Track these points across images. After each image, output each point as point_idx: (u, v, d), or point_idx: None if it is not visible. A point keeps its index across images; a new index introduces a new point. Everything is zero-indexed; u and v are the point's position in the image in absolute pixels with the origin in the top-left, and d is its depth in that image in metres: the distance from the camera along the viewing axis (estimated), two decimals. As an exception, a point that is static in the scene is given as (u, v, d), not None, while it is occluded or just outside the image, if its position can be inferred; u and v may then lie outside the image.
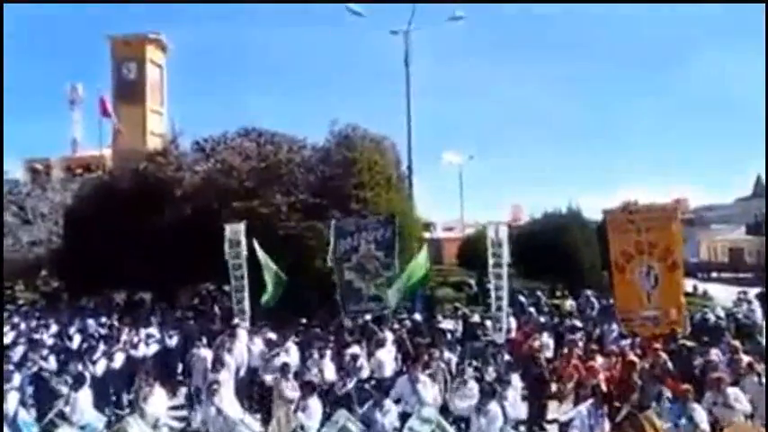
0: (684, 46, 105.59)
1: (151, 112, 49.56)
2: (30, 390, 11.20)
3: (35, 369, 12.10)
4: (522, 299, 19.31)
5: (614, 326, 14.46)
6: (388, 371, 11.70)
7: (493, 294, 14.80)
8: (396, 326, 15.16)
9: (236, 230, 16.49)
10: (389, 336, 13.41)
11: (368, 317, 15.80)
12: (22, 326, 17.41)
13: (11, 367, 11.67)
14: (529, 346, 12.76)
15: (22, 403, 10.11)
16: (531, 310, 16.94)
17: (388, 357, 12.01)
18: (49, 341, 14.84)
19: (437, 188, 67.83)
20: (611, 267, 14.10)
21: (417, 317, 16.62)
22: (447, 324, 15.58)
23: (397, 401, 9.33)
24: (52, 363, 12.59)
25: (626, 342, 12.80)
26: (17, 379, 11.06)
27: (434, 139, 75.41)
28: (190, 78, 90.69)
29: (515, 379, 10.01)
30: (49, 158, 53.73)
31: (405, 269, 16.33)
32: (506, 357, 12.09)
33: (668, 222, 13.23)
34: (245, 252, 16.40)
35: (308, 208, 19.99)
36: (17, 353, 13.32)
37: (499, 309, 14.53)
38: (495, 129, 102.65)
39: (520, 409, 9.93)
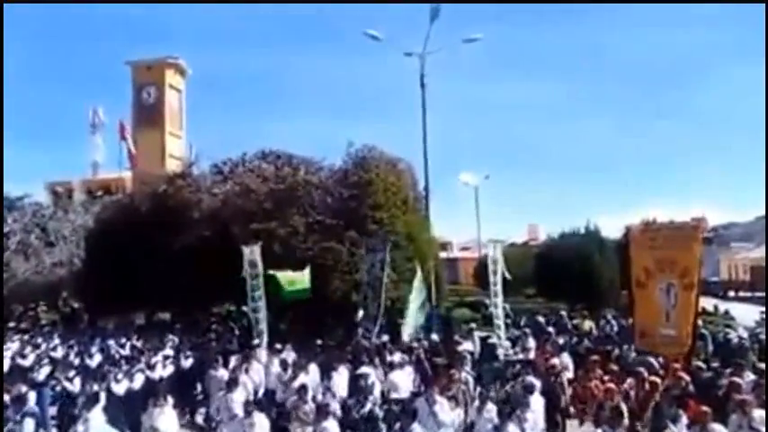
0: (702, 66, 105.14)
1: (170, 135, 50.33)
2: (52, 410, 11.27)
3: (59, 389, 12.24)
4: (540, 319, 19.19)
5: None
6: (404, 392, 11.65)
7: (493, 313, 15.27)
8: (414, 344, 15.14)
9: (253, 251, 16.60)
10: (404, 357, 13.38)
11: (385, 337, 15.79)
12: (43, 346, 17.58)
13: (23, 388, 11.70)
14: (548, 366, 12.66)
15: (44, 424, 10.18)
16: (551, 329, 16.82)
17: (403, 378, 11.95)
18: (75, 362, 14.94)
19: (454, 209, 67.65)
20: (630, 284, 13.98)
21: (435, 337, 16.58)
22: (466, 345, 15.50)
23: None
24: (77, 384, 12.70)
25: (647, 363, 12.64)
26: (32, 400, 11.11)
27: (451, 160, 75.48)
28: (208, 102, 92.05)
29: (535, 400, 9.89)
30: (70, 181, 54.54)
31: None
32: (527, 378, 11.99)
33: (689, 242, 13.09)
34: (261, 272, 16.48)
35: (325, 229, 20.11)
36: (42, 373, 13.46)
37: (499, 327, 15.16)
38: (511, 150, 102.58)
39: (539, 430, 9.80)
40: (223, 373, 12.62)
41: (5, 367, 14.71)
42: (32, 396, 11.18)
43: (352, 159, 22.12)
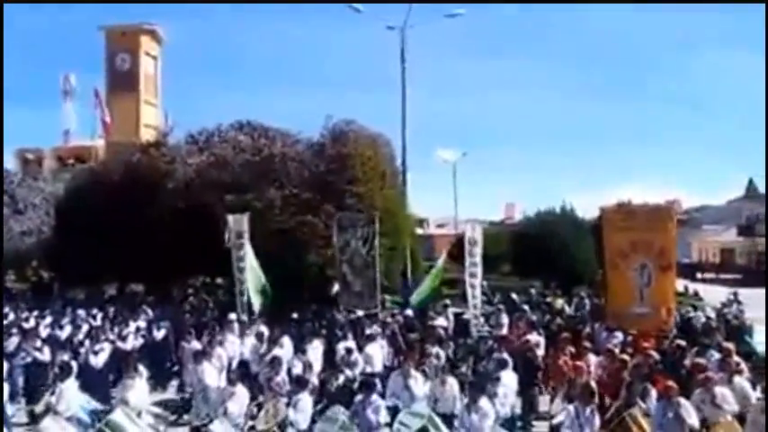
0: (678, 48, 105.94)
1: (145, 103, 49.35)
2: (20, 380, 11.13)
3: (29, 360, 12.09)
4: (514, 296, 19.37)
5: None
6: (378, 366, 11.73)
7: (468, 292, 15.11)
8: (388, 320, 15.19)
9: (239, 221, 16.37)
10: (379, 331, 13.45)
11: (360, 312, 15.81)
12: (11, 316, 17.29)
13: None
14: (521, 342, 12.81)
15: (12, 394, 10.04)
16: (525, 307, 16.97)
17: (377, 352, 12.02)
18: (44, 332, 14.73)
19: (431, 185, 67.79)
20: (604, 264, 14.16)
21: (409, 313, 16.64)
22: (440, 320, 15.60)
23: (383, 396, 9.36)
24: (47, 354, 12.54)
25: (617, 341, 12.86)
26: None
27: (429, 136, 75.33)
28: (184, 72, 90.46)
29: (507, 376, 10.00)
30: (41, 148, 53.42)
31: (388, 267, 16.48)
32: (497, 354, 12.13)
33: (664, 223, 13.29)
34: (248, 243, 16.30)
35: (302, 203, 19.95)
36: (12, 343, 13.26)
37: (475, 306, 15.01)
38: (489, 127, 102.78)
39: (510, 406, 9.93)
40: (197, 345, 12.54)
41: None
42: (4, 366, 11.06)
43: (330, 133, 21.92)
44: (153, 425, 8.98)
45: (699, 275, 41.35)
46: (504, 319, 15.78)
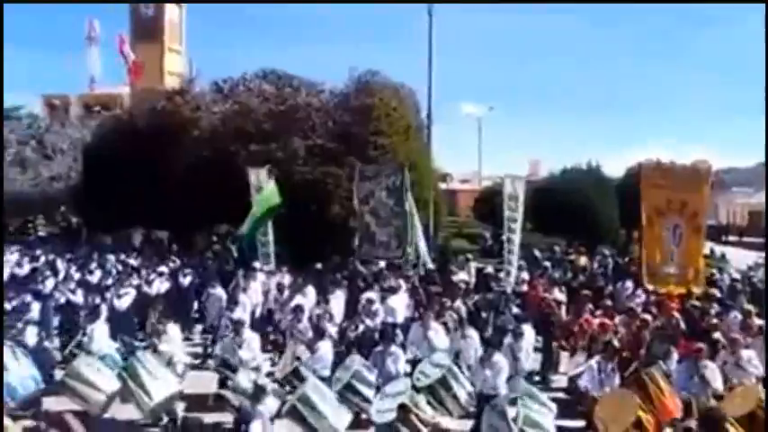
0: (704, 10, 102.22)
1: (169, 50, 49.20)
2: (56, 320, 11.43)
3: (63, 300, 12.41)
4: (537, 253, 19.26)
5: (628, 283, 14.45)
6: (400, 317, 11.80)
7: (506, 247, 14.79)
8: (410, 273, 15.23)
9: (258, 175, 16.36)
10: (402, 283, 13.48)
11: (382, 264, 15.87)
12: (42, 258, 17.68)
13: (28, 298, 11.89)
14: (542, 298, 12.79)
15: (47, 333, 10.33)
16: (547, 264, 16.89)
17: (400, 304, 12.07)
18: (76, 275, 15.07)
19: (455, 139, 67.01)
20: (640, 222, 13.95)
21: (430, 266, 16.67)
22: (461, 275, 15.60)
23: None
24: (79, 296, 12.86)
25: (639, 300, 12.80)
26: (36, 310, 11.28)
27: (455, 90, 74.13)
28: (209, 21, 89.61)
29: (528, 330, 10.02)
30: (67, 95, 53.73)
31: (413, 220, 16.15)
32: (516, 310, 12.16)
33: (700, 184, 13.09)
34: None
35: (325, 153, 19.90)
36: (47, 285, 13.61)
37: (510, 262, 14.60)
38: (517, 83, 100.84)
39: (530, 361, 9.98)
40: (221, 292, 12.73)
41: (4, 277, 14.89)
42: (36, 306, 11.37)
43: (355, 83, 21.68)
44: (180, 372, 9.21)
45: (725, 238, 40.78)
46: (526, 276, 15.73)
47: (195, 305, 14.60)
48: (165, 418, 8.74)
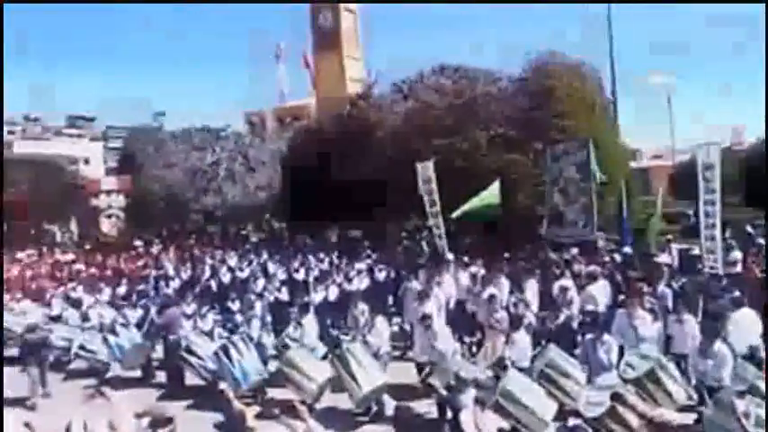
0: None
1: (348, 58, 51.53)
2: (268, 317, 12.61)
3: (272, 298, 13.69)
4: (749, 229, 17.46)
5: None
6: (601, 305, 11.35)
7: (703, 223, 13.39)
8: (605, 258, 14.59)
9: (426, 168, 16.71)
10: (599, 270, 12.94)
11: (574, 250, 15.37)
12: (255, 261, 19.57)
13: (252, 296, 13.28)
14: (757, 278, 11.58)
15: (264, 327, 11.47)
16: (761, 241, 15.24)
17: (600, 291, 11.60)
18: (282, 276, 16.50)
19: (643, 113, 62.67)
20: None
21: (628, 250, 15.82)
22: (662, 257, 14.63)
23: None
24: (285, 293, 14.06)
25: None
26: (258, 307, 12.54)
27: (639, 61, 69.15)
28: (380, 22, 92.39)
29: (742, 315, 9.08)
30: (263, 111, 58.76)
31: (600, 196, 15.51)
32: (734, 293, 11.09)
33: None
34: (436, 189, 16.58)
35: (507, 141, 19.71)
36: (258, 285, 15.10)
37: (712, 238, 13.11)
38: (707, 46, 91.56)
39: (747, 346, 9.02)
40: (416, 285, 13.10)
41: (227, 280, 16.73)
42: (258, 304, 12.66)
43: (532, 67, 21.19)
44: (383, 363, 9.69)
45: None
46: (738, 255, 14.31)
47: (390, 299, 15.22)
48: (374, 408, 9.25)
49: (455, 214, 16.06)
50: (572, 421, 7.13)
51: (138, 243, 26.69)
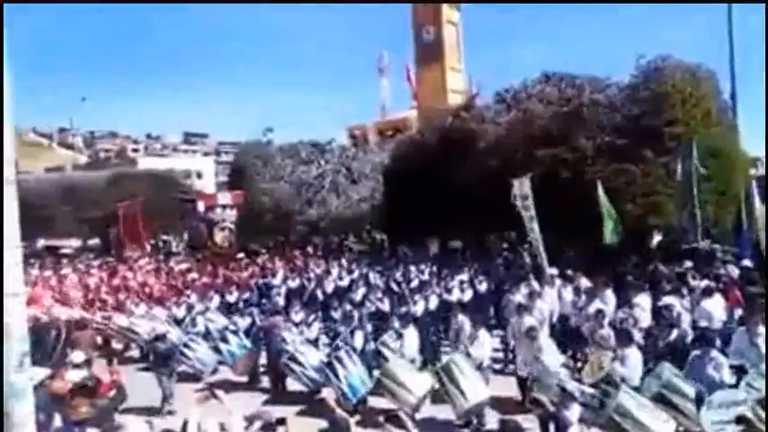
0: None
1: (450, 70, 51.55)
2: (369, 326, 12.78)
3: (373, 309, 13.88)
4: None
5: None
6: (716, 322, 10.68)
7: None
8: (721, 271, 13.73)
9: (522, 184, 16.31)
10: (713, 284, 12.19)
11: (688, 263, 14.57)
12: (356, 272, 19.89)
13: (353, 307, 13.52)
14: None
15: (365, 337, 11.64)
16: None
17: (715, 307, 10.93)
18: (382, 286, 16.69)
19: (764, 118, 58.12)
20: None
21: (747, 262, 14.81)
22: (789, 272, 13.53)
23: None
24: (386, 304, 14.22)
25: None
26: (360, 317, 12.74)
27: (759, 60, 64.32)
28: (481, 32, 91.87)
29: None
30: (364, 124, 59.92)
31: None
32: None
33: None
34: (532, 204, 16.15)
35: (615, 150, 18.96)
36: (359, 294, 15.37)
37: None
38: None
39: None
40: (519, 298, 12.88)
41: (330, 290, 17.12)
42: (356, 314, 12.88)
43: (643, 73, 20.31)
44: (485, 376, 9.57)
45: None
46: None
47: (492, 311, 15.01)
48: (474, 421, 9.15)
49: (608, 240, 16.05)
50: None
51: (244, 254, 27.84)
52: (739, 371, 8.02)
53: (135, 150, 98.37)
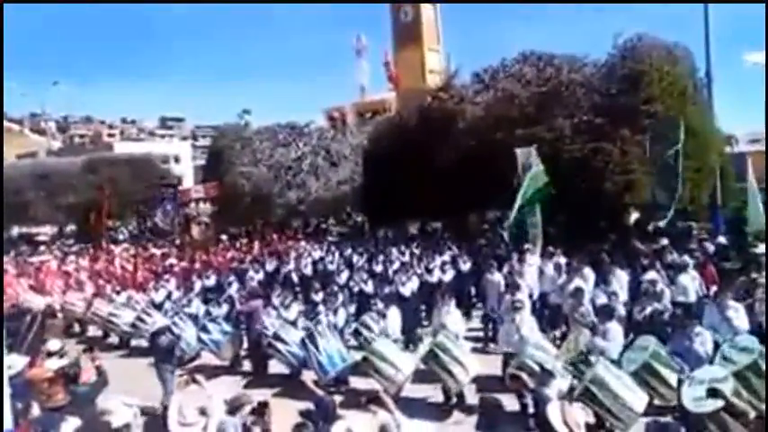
0: None
1: (428, 50, 51.34)
2: (351, 308, 12.79)
3: (356, 290, 13.88)
4: None
5: None
6: (691, 296, 10.87)
7: None
8: (694, 247, 13.95)
9: (526, 153, 16.25)
10: (689, 260, 12.39)
11: (664, 241, 14.76)
12: (337, 254, 19.86)
13: (336, 288, 13.53)
14: None
15: (347, 318, 11.65)
16: None
17: (689, 282, 11.11)
18: (365, 267, 16.69)
19: (739, 96, 59.08)
20: None
21: (722, 240, 15.04)
22: (761, 248, 13.80)
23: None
24: (370, 286, 14.23)
25: None
26: (342, 298, 12.74)
27: (734, 41, 65.13)
28: (459, 12, 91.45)
29: None
30: (342, 105, 59.55)
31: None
32: None
33: None
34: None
35: (592, 129, 19.07)
36: (343, 277, 15.43)
37: None
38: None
39: None
40: (498, 277, 12.94)
41: (309, 271, 17.07)
42: (341, 296, 12.88)
43: (620, 51, 20.38)
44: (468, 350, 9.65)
45: None
46: None
47: (473, 290, 15.08)
48: (454, 399, 9.22)
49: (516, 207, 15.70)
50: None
51: (223, 237, 27.64)
52: (713, 345, 8.16)
53: (111, 135, 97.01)
